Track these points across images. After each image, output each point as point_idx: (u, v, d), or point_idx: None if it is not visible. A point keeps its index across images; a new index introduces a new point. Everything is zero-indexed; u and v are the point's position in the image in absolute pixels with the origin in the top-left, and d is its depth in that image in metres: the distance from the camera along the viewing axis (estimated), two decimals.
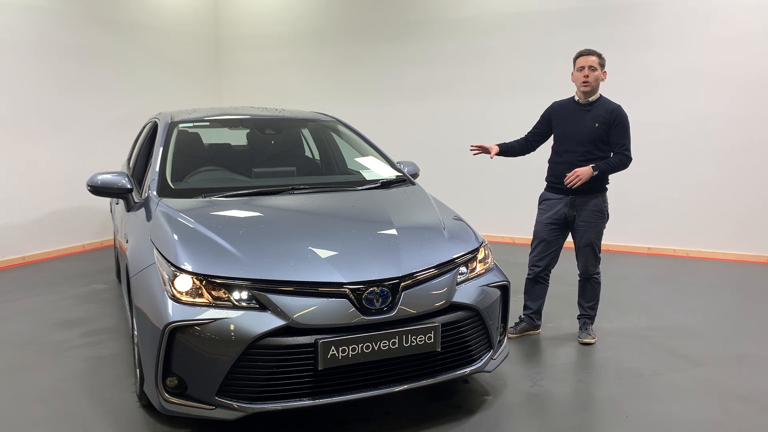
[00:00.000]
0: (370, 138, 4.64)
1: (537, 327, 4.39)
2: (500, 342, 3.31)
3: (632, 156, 4.03)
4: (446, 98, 7.89)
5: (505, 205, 7.62)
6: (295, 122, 4.79)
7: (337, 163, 4.68)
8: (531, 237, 4.27)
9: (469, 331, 3.04)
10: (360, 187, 3.95)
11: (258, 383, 2.69)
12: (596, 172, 3.93)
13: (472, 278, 3.14)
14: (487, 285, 3.16)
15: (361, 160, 4.45)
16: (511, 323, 4.19)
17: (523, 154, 4.41)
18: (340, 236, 3.16)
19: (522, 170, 4.48)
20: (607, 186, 4.13)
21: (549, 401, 3.38)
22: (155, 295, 2.81)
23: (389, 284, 2.84)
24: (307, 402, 2.74)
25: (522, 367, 3.80)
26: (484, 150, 4.33)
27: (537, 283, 4.30)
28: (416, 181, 4.25)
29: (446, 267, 3.05)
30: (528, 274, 4.32)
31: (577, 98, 4.11)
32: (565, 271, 5.00)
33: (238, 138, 4.74)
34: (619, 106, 4.03)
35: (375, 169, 4.29)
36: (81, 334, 4.41)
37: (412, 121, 8.10)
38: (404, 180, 4.15)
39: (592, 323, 4.28)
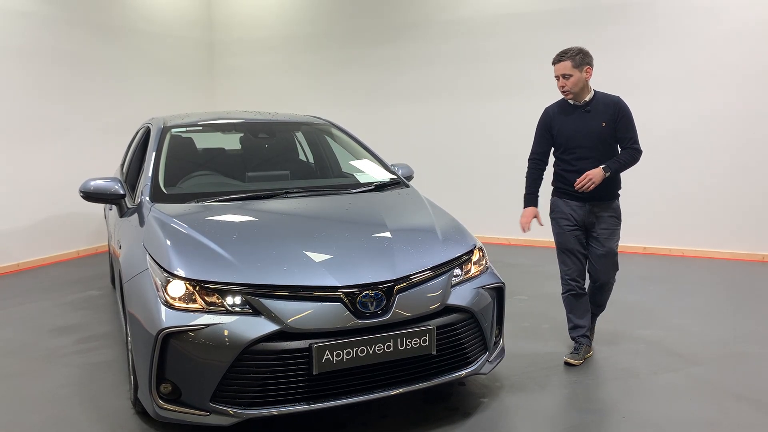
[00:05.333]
0: (364, 141, 4.64)
1: (591, 342, 4.05)
2: (496, 344, 3.30)
3: (641, 148, 3.76)
4: (440, 100, 7.89)
5: (500, 207, 7.58)
6: (288, 126, 4.78)
7: (331, 166, 4.67)
8: (527, 239, 4.23)
9: (464, 334, 3.04)
10: (354, 190, 3.94)
11: (253, 388, 2.68)
12: (608, 173, 3.66)
13: (466, 280, 3.13)
14: (482, 287, 3.16)
15: (355, 163, 4.44)
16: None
17: (541, 182, 4.02)
18: (334, 240, 3.15)
19: (517, 172, 4.48)
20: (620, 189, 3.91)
21: (545, 403, 3.37)
22: (148, 301, 2.80)
23: (383, 287, 2.83)
24: (302, 407, 2.73)
25: (518, 368, 3.79)
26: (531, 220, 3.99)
27: (580, 297, 3.90)
28: (410, 183, 4.24)
29: (441, 269, 3.04)
30: (568, 291, 3.90)
31: (570, 101, 3.82)
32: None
33: (231, 142, 4.73)
34: (619, 97, 3.80)
35: (369, 171, 4.28)
36: (75, 341, 4.39)
37: (406, 124, 8.10)
38: (398, 182, 4.14)
39: (591, 334, 4.06)
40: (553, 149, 3.96)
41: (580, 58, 3.70)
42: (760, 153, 6.41)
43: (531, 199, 4.00)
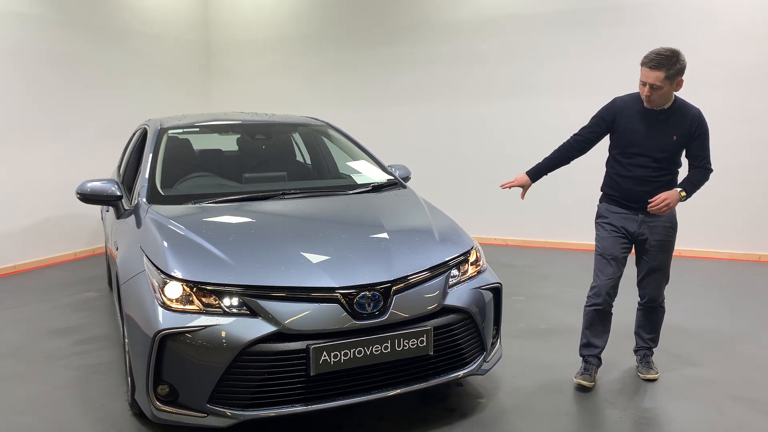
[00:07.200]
0: (361, 142, 4.64)
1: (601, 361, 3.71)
2: (493, 344, 3.30)
3: (713, 167, 3.47)
4: (438, 101, 7.89)
5: (497, 207, 7.60)
6: (285, 127, 4.78)
7: (328, 167, 4.67)
8: (525, 238, 4.15)
9: (461, 334, 3.04)
10: (351, 191, 3.95)
11: (250, 390, 2.68)
12: (685, 198, 3.34)
13: (463, 281, 3.13)
14: (479, 287, 3.16)
15: (352, 164, 4.44)
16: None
17: (566, 164, 3.68)
18: (331, 241, 3.15)
19: (514, 173, 4.46)
20: None
21: (542, 403, 3.37)
22: (145, 302, 2.80)
23: (381, 288, 2.83)
24: (299, 408, 2.73)
25: (515, 369, 3.79)
26: (515, 186, 3.74)
27: (604, 315, 3.56)
28: (407, 184, 4.24)
29: (438, 270, 3.04)
30: (596, 306, 3.53)
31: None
32: (557, 266, 4.99)
33: (228, 144, 4.73)
34: (700, 111, 3.42)
35: (366, 172, 4.28)
36: (73, 343, 4.38)
37: (403, 125, 8.10)
38: (395, 183, 4.14)
39: (652, 355, 3.73)
40: (609, 146, 3.58)
41: (675, 71, 3.22)
42: (756, 154, 6.43)
43: (534, 170, 3.68)
